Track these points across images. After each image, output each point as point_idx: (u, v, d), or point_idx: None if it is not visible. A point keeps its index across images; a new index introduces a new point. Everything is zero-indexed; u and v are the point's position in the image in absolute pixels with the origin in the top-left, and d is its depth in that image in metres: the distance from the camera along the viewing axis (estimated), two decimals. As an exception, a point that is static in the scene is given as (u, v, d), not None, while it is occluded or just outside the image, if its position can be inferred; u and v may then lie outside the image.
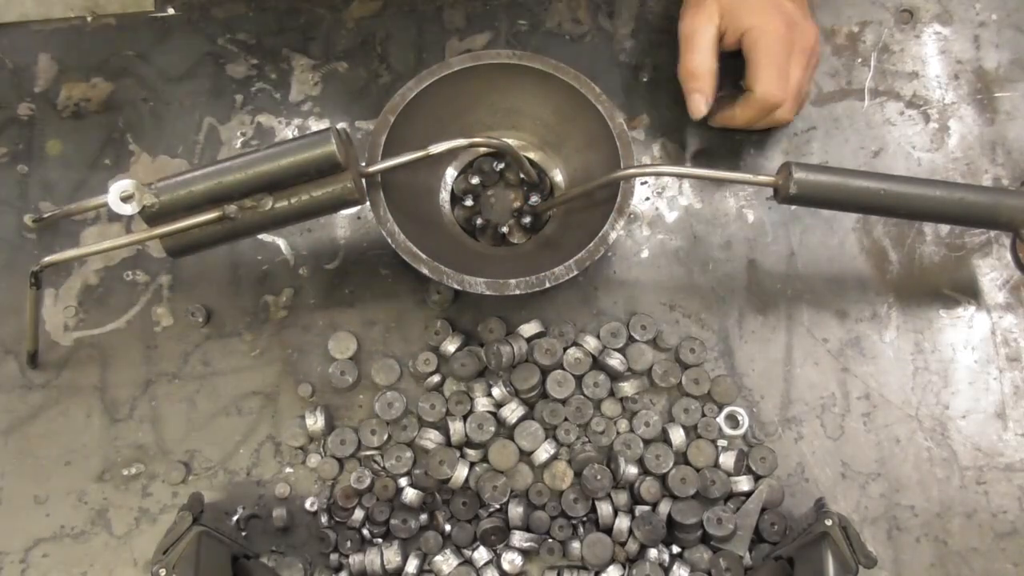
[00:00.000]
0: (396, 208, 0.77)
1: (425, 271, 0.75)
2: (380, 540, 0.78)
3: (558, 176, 0.86)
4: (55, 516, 0.80)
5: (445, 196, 0.86)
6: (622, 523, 0.77)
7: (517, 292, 0.75)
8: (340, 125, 0.77)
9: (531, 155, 0.87)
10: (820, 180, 0.74)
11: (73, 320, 0.85)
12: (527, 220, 0.85)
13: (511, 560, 0.77)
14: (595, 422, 0.80)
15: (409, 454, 0.79)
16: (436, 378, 0.82)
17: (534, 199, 0.86)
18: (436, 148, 0.75)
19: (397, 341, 0.85)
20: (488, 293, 0.75)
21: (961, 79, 0.92)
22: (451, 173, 0.87)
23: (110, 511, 0.80)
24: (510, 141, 0.85)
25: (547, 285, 0.75)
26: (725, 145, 0.90)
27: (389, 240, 0.75)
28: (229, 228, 0.72)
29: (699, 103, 0.83)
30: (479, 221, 0.86)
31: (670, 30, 0.87)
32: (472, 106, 0.84)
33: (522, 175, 0.85)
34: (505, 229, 0.86)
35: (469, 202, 0.86)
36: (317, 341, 0.84)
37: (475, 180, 0.86)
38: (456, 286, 0.75)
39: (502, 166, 0.86)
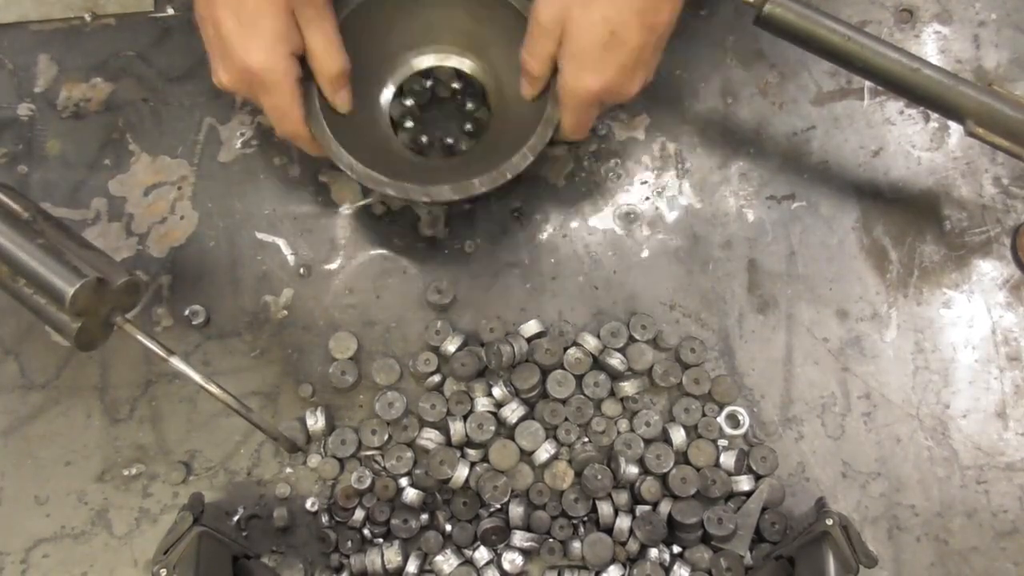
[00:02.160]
0: (347, 143, 0.79)
1: (391, 192, 0.77)
2: (381, 540, 0.78)
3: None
4: (55, 516, 0.80)
5: (386, 122, 0.88)
6: (623, 523, 0.77)
7: (482, 190, 0.77)
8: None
9: (453, 63, 0.89)
10: (793, 7, 0.76)
11: (73, 320, 0.84)
12: (468, 126, 0.88)
13: (512, 560, 0.77)
14: (595, 422, 0.80)
15: (409, 454, 0.79)
16: (436, 378, 0.82)
17: (470, 105, 0.88)
18: None
19: (397, 341, 0.85)
20: (455, 198, 0.77)
21: (961, 78, 0.92)
22: (386, 98, 0.88)
23: (110, 511, 0.80)
24: (434, 56, 0.88)
25: (508, 176, 0.78)
26: (724, 141, 0.90)
27: (348, 172, 0.77)
28: None
29: (525, 89, 0.81)
30: (425, 139, 0.88)
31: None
32: (388, 34, 0.86)
33: (453, 84, 0.88)
34: (451, 139, 0.88)
35: (409, 123, 0.88)
36: (317, 341, 0.84)
37: (409, 102, 0.88)
38: (424, 198, 0.77)
39: (430, 83, 0.89)
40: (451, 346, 0.82)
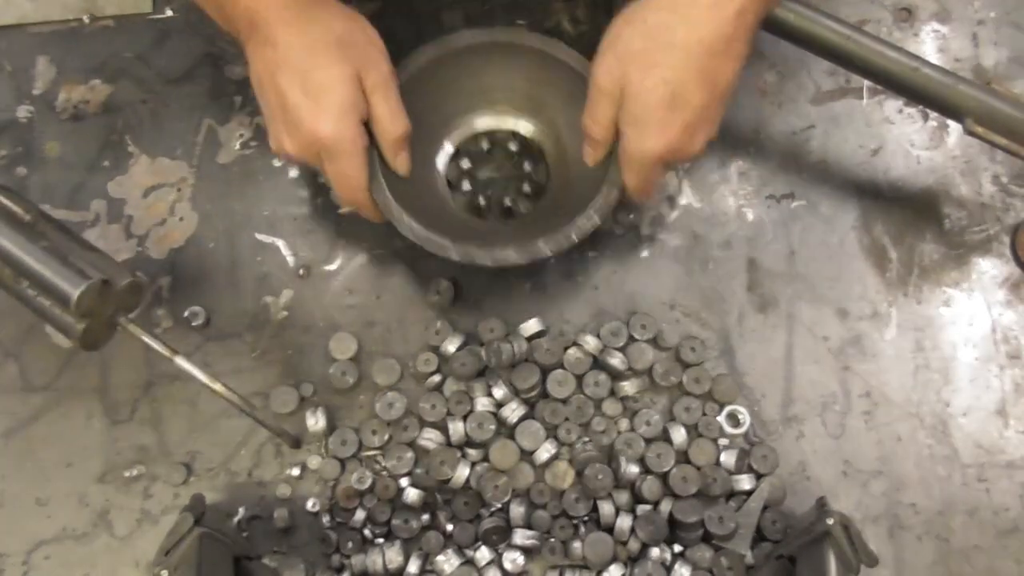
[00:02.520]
0: (405, 206, 0.77)
1: (454, 256, 0.76)
2: (382, 540, 0.78)
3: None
4: (57, 518, 0.80)
5: (443, 185, 0.87)
6: (623, 522, 0.77)
7: (547, 253, 0.75)
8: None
9: (510, 125, 0.88)
10: (793, 7, 0.76)
11: (73, 322, 0.84)
12: (528, 188, 0.86)
13: (513, 559, 0.77)
14: (596, 421, 0.80)
15: (410, 454, 0.79)
16: (437, 378, 0.82)
17: (528, 167, 0.87)
18: None
19: (397, 341, 0.85)
20: (521, 262, 0.75)
21: (960, 77, 0.92)
22: (443, 161, 0.87)
23: (112, 512, 0.80)
24: (491, 118, 0.87)
25: (574, 239, 0.76)
26: (723, 140, 0.90)
27: (409, 235, 0.76)
28: None
29: (588, 154, 0.79)
30: (482, 201, 0.86)
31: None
32: (446, 96, 0.85)
33: (511, 146, 0.87)
34: (509, 202, 0.86)
35: (467, 186, 0.86)
36: (317, 342, 0.84)
37: (466, 164, 0.87)
38: (489, 263, 0.75)
39: (488, 146, 0.87)
40: (451, 346, 0.82)
